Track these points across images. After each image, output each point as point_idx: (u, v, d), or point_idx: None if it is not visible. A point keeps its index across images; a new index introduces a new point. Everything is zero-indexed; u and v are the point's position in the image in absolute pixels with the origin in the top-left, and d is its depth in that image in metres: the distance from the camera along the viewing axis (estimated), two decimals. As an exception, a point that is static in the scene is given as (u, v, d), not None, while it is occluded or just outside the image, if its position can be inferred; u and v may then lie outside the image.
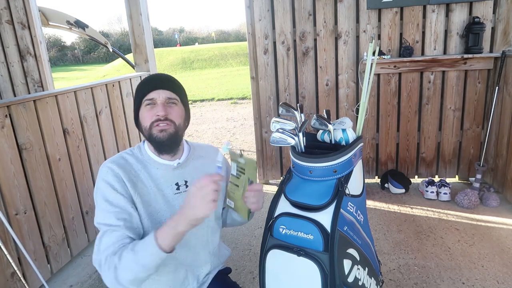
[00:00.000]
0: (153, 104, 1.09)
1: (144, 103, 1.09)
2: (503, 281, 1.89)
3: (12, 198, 1.84)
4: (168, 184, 1.13)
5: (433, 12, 2.82)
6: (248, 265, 2.15)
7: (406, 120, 3.04)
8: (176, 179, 1.15)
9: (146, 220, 1.07)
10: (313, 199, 1.08)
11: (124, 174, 1.06)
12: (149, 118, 1.08)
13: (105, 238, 0.99)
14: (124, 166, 1.09)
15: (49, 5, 19.02)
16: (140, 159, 1.13)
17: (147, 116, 1.09)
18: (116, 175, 1.05)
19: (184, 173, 1.17)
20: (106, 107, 2.58)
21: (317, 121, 1.21)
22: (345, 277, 1.05)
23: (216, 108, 7.97)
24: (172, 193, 1.13)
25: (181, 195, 1.14)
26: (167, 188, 1.13)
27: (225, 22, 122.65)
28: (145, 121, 1.09)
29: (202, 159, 1.23)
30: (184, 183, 1.16)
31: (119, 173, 1.06)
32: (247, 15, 3.00)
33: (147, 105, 1.09)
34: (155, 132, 1.08)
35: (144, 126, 1.10)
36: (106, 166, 1.07)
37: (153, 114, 1.08)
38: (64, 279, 2.14)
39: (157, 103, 1.08)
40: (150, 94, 1.08)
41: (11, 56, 3.27)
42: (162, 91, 1.09)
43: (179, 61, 17.40)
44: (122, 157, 1.12)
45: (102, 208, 1.03)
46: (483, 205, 2.69)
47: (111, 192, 1.03)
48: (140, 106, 1.10)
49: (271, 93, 3.12)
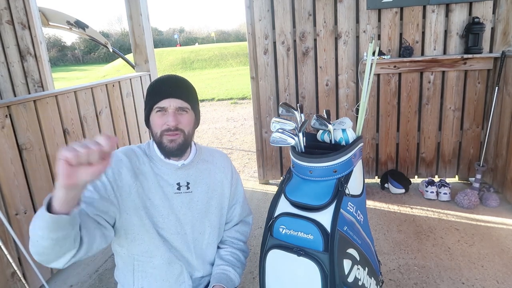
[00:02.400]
0: (164, 111, 1.08)
1: (154, 109, 1.09)
2: (503, 281, 1.89)
3: (12, 198, 1.84)
4: (169, 182, 1.14)
5: (433, 12, 2.82)
6: (248, 265, 2.15)
7: (406, 120, 3.04)
8: (178, 179, 1.15)
9: (141, 209, 1.09)
10: (313, 199, 1.08)
11: (128, 163, 1.10)
12: (159, 126, 1.09)
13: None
14: (131, 156, 1.12)
15: (49, 5, 19.04)
16: (147, 154, 1.15)
17: (158, 122, 1.09)
18: (119, 160, 1.09)
19: (187, 175, 1.17)
20: (106, 107, 2.58)
21: (317, 121, 1.21)
22: (345, 277, 1.05)
23: (216, 108, 7.98)
24: (172, 192, 1.14)
25: (181, 195, 1.15)
26: (168, 186, 1.14)
27: (225, 22, 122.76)
28: (156, 127, 1.10)
29: (207, 164, 1.23)
30: (186, 184, 1.16)
31: (122, 159, 1.09)
32: (247, 15, 3.00)
33: (157, 111, 1.09)
34: (165, 141, 1.09)
35: (155, 132, 1.10)
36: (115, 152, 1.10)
37: (163, 122, 1.08)
38: (64, 279, 2.14)
39: (168, 111, 1.08)
40: (161, 103, 1.07)
41: (11, 56, 3.28)
42: (173, 100, 1.08)
43: (179, 61, 17.40)
44: (131, 149, 1.15)
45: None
46: (483, 205, 2.69)
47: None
48: (151, 111, 1.10)
49: (271, 93, 3.12)
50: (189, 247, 1.18)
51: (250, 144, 4.94)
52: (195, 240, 1.19)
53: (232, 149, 4.80)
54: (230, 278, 1.20)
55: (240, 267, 1.26)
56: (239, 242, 1.31)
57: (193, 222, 1.17)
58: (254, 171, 3.79)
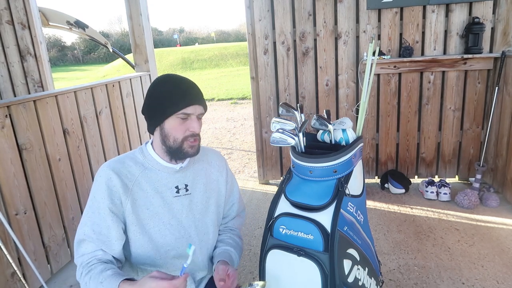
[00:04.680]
0: (187, 118, 1.07)
1: (177, 115, 1.05)
2: (503, 281, 1.89)
3: (12, 198, 1.84)
4: (168, 187, 1.13)
5: (433, 13, 2.82)
6: (248, 265, 2.15)
7: (406, 120, 3.04)
8: (177, 182, 1.14)
9: (135, 225, 1.07)
10: (313, 199, 1.08)
11: (118, 179, 1.06)
12: (182, 132, 1.07)
13: (83, 246, 1.05)
14: (120, 170, 1.08)
15: (49, 5, 19.02)
16: (140, 162, 1.12)
17: (180, 129, 1.06)
18: (107, 182, 1.06)
19: (185, 177, 1.16)
20: (106, 107, 2.58)
21: (317, 121, 1.21)
22: (345, 277, 1.05)
23: (216, 108, 7.98)
24: (172, 196, 1.13)
25: (180, 198, 1.14)
26: (167, 191, 1.12)
27: (225, 22, 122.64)
28: (177, 133, 1.07)
29: (202, 163, 1.23)
30: (184, 186, 1.15)
31: (111, 178, 1.06)
32: (247, 15, 3.00)
33: (181, 118, 1.06)
34: (186, 147, 1.08)
35: (175, 138, 1.07)
36: (102, 170, 1.08)
37: (185, 128, 1.07)
38: (64, 279, 2.14)
39: (192, 118, 1.07)
40: (188, 109, 1.05)
41: (11, 56, 3.28)
42: (198, 107, 1.07)
43: (179, 61, 17.40)
44: (121, 161, 1.11)
45: (87, 210, 1.07)
46: (483, 205, 2.69)
47: (98, 200, 1.05)
48: (170, 116, 1.05)
49: (271, 93, 3.12)
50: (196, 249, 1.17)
51: (250, 144, 4.94)
52: (201, 242, 1.19)
53: (232, 149, 4.80)
54: (232, 257, 1.22)
55: (239, 251, 1.29)
56: (236, 230, 1.35)
57: (196, 224, 1.17)
58: (254, 171, 3.79)
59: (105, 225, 1.05)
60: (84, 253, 1.05)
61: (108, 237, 1.05)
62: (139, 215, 1.08)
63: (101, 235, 1.04)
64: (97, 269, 1.00)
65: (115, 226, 1.05)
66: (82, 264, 1.03)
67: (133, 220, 1.07)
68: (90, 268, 1.01)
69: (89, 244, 1.04)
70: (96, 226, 1.04)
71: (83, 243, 1.05)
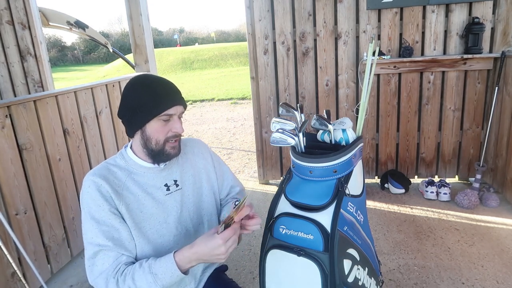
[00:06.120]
0: (169, 119, 1.06)
1: (160, 116, 1.03)
2: (503, 281, 1.89)
3: (12, 198, 1.84)
4: (157, 187, 1.11)
5: (432, 13, 2.82)
6: (248, 265, 2.15)
7: (406, 120, 3.05)
8: (165, 181, 1.13)
9: (133, 229, 1.04)
10: (313, 199, 1.08)
11: (108, 185, 1.03)
12: (164, 133, 1.05)
13: (100, 259, 0.98)
14: (107, 176, 1.05)
15: (49, 5, 18.95)
16: (123, 167, 1.09)
17: (162, 131, 1.05)
18: (98, 188, 1.01)
19: (172, 173, 1.15)
20: (106, 107, 2.58)
21: (317, 121, 1.21)
22: (345, 277, 1.05)
23: (216, 108, 7.97)
24: (163, 195, 1.12)
25: (172, 195, 1.13)
26: (157, 191, 1.11)
27: (225, 22, 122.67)
28: (159, 134, 1.05)
29: (185, 155, 1.22)
30: (174, 182, 1.15)
31: (101, 184, 1.02)
32: (247, 15, 3.01)
33: (163, 120, 1.05)
34: (168, 148, 1.07)
35: (157, 140, 1.05)
36: (89, 179, 1.03)
37: (168, 129, 1.06)
38: (64, 279, 2.14)
39: (174, 119, 1.06)
40: (170, 110, 1.04)
41: (12, 56, 3.28)
42: (179, 107, 1.06)
43: (179, 61, 17.41)
44: (105, 167, 1.08)
45: (89, 226, 1.00)
46: (483, 205, 2.70)
47: (97, 209, 1.00)
48: (152, 118, 1.03)
49: (271, 93, 3.12)
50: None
51: (250, 144, 4.94)
52: (197, 232, 1.19)
53: (232, 149, 4.80)
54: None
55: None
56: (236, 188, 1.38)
57: (191, 216, 1.17)
58: (254, 171, 3.79)
59: (114, 229, 1.00)
60: (103, 269, 0.97)
61: (121, 240, 1.01)
62: (135, 219, 1.05)
63: (115, 240, 0.99)
64: (134, 268, 0.96)
65: (123, 227, 1.02)
66: (108, 279, 0.95)
67: (130, 224, 1.04)
68: (125, 273, 0.95)
69: (108, 254, 0.98)
70: (107, 234, 0.99)
71: (99, 256, 0.98)
